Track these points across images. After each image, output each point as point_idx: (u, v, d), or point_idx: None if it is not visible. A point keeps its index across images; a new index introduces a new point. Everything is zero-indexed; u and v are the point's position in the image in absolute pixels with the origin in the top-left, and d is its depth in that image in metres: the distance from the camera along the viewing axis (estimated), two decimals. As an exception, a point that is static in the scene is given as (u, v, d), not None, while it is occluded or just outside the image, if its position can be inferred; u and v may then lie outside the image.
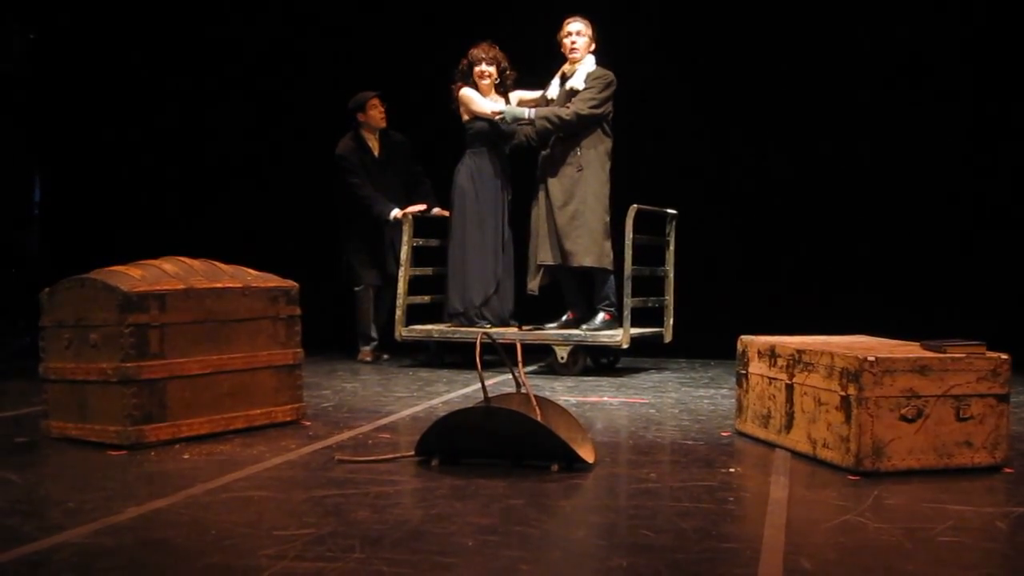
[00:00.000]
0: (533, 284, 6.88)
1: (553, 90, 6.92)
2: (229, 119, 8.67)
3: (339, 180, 7.36)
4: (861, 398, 3.74)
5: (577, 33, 6.80)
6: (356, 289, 7.44)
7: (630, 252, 6.54)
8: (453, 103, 7.12)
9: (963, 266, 7.43)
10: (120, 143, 8.93)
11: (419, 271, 7.29)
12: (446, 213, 7.23)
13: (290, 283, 4.82)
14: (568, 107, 6.70)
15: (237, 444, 4.29)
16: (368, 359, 7.41)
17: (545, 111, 6.79)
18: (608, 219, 6.74)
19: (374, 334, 7.49)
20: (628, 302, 6.55)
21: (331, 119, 7.68)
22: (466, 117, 7.09)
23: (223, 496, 3.40)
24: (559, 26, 6.86)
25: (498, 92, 7.18)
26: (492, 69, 7.10)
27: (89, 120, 8.98)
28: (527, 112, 6.86)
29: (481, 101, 7.04)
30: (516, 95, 7.19)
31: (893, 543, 2.91)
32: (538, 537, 2.97)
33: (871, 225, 7.66)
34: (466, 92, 7.06)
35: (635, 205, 6.59)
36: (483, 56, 7.08)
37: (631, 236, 6.53)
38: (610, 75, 6.75)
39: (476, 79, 7.09)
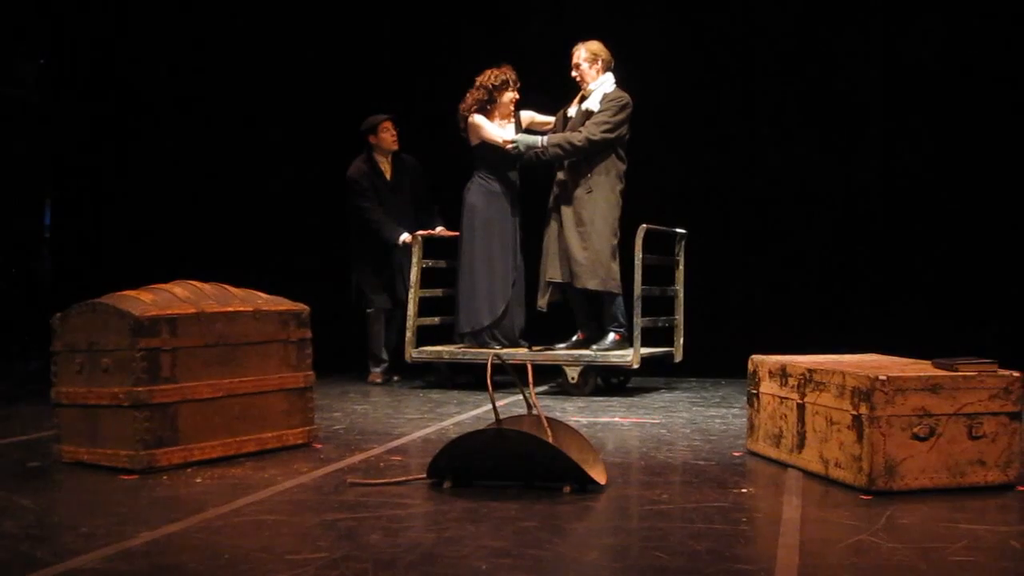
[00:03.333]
0: (542, 301, 6.89)
1: (573, 108, 6.90)
2: (239, 142, 8.69)
3: (350, 203, 7.38)
4: (873, 417, 3.73)
5: (575, 66, 6.80)
6: (368, 311, 7.44)
7: (640, 272, 6.54)
8: (462, 128, 7.08)
9: (976, 281, 7.40)
10: (129, 166, 8.96)
11: (428, 292, 7.29)
12: (454, 233, 7.21)
13: (301, 306, 4.83)
14: (580, 131, 6.69)
15: (249, 468, 4.29)
16: (379, 381, 7.41)
17: (557, 138, 6.76)
18: (616, 242, 6.71)
19: (384, 356, 7.48)
20: (638, 322, 6.54)
21: (343, 141, 7.69)
22: (475, 142, 7.06)
23: (236, 520, 3.41)
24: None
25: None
26: (517, 93, 7.10)
27: (98, 144, 9.02)
28: (540, 140, 6.82)
29: (493, 130, 6.98)
30: (527, 115, 7.17)
31: (907, 563, 2.91)
32: (551, 560, 2.96)
33: (882, 243, 7.64)
34: (478, 120, 6.99)
35: (644, 225, 6.60)
36: (513, 80, 7.01)
37: (640, 256, 6.54)
38: (625, 97, 6.72)
39: (507, 104, 7.03)
